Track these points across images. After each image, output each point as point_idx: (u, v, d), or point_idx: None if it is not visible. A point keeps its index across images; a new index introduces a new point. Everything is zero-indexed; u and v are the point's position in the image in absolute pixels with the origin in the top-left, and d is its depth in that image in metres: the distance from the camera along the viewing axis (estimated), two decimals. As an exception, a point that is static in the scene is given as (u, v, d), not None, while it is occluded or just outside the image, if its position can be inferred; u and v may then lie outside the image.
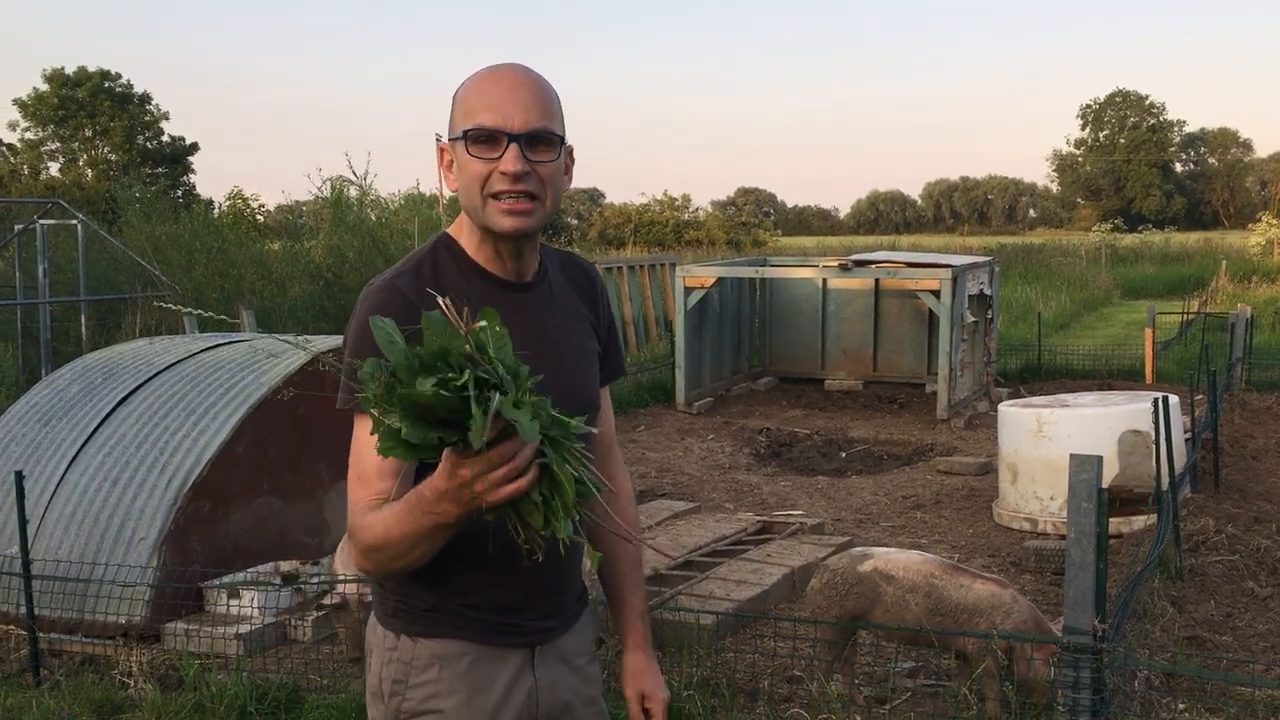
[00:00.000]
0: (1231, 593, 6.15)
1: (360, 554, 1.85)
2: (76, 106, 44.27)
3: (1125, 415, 7.67)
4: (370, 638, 2.08)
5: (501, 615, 2.01)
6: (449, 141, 1.98)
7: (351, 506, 1.88)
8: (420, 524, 1.73)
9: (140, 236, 16.75)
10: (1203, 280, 29.77)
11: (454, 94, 1.99)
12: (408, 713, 1.99)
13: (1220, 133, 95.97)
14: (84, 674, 5.16)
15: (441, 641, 1.98)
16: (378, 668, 2.03)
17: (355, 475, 1.88)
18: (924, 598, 4.50)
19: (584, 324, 2.16)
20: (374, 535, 1.81)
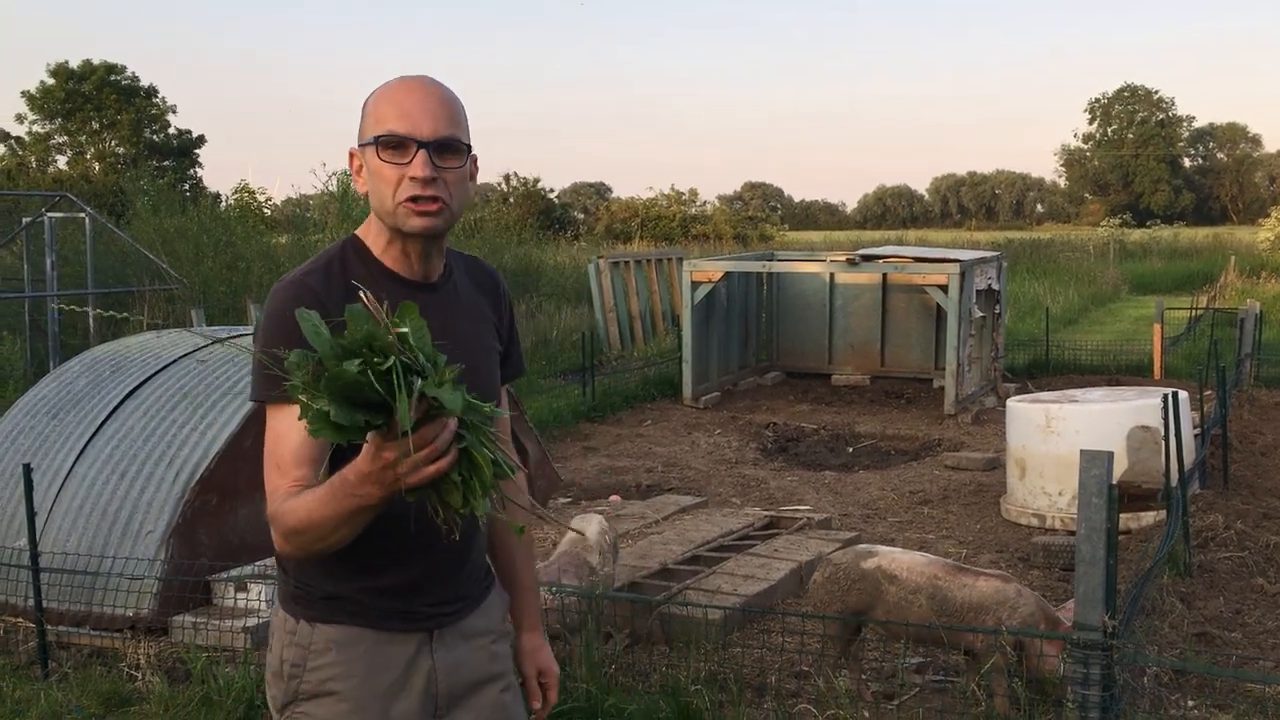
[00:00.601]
0: (1240, 589, 6.13)
1: (281, 538, 1.93)
2: (83, 100, 44.33)
3: (1134, 411, 7.64)
4: (272, 620, 2.15)
5: (398, 601, 2.08)
6: (359, 147, 2.08)
7: (270, 493, 1.95)
8: (343, 506, 1.81)
9: (148, 230, 16.77)
10: (1211, 276, 29.69)
11: (364, 103, 2.09)
12: (305, 694, 2.07)
13: (1229, 128, 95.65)
14: (92, 666, 5.18)
15: (338, 627, 2.06)
16: (278, 649, 2.11)
17: (273, 464, 1.96)
18: (928, 599, 4.49)
19: (488, 325, 2.26)
20: (296, 519, 1.88)
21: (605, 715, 4.27)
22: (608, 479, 9.55)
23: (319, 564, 2.03)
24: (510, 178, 46.69)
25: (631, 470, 9.89)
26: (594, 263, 17.56)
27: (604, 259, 17.64)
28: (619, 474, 9.75)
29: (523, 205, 41.41)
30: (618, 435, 11.47)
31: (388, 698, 2.07)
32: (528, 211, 38.13)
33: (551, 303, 18.96)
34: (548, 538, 7.21)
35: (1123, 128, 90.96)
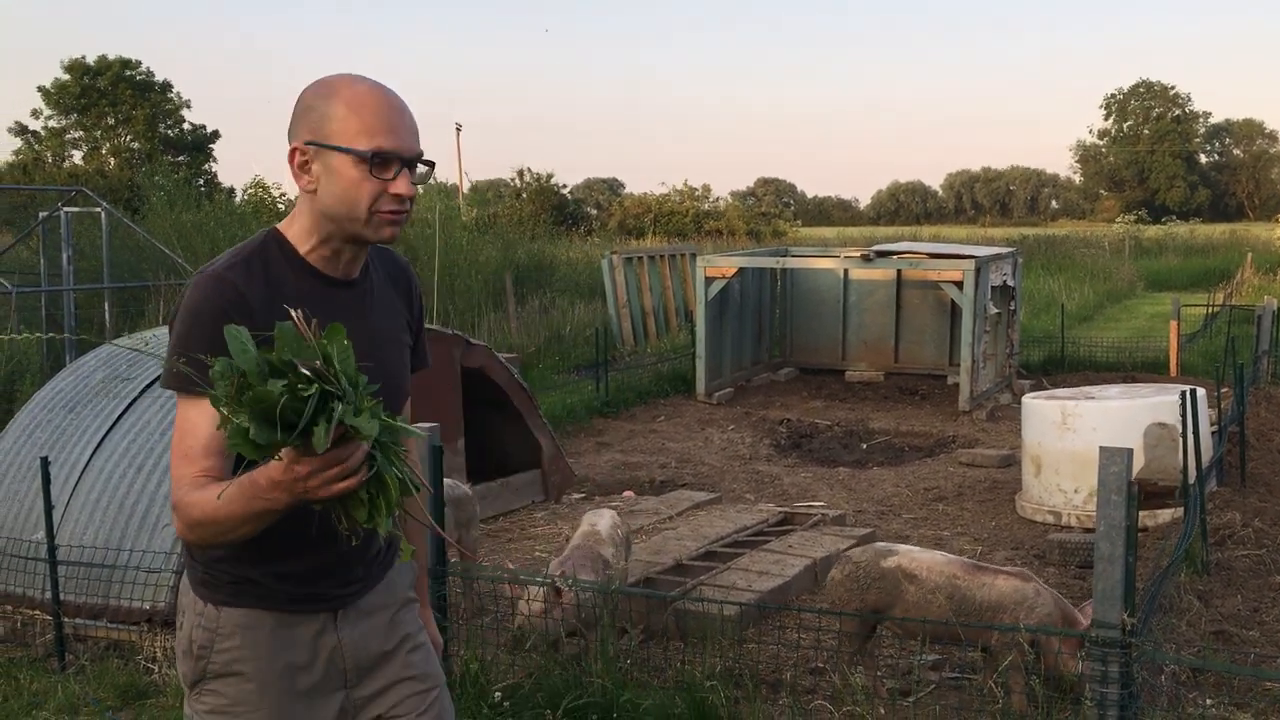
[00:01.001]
0: (1258, 587, 6.10)
1: (185, 528, 1.99)
2: (98, 95, 44.49)
3: (1151, 408, 7.61)
4: (182, 599, 2.21)
5: (301, 585, 2.15)
6: (322, 147, 2.04)
7: (176, 481, 1.99)
8: (250, 507, 1.88)
9: (164, 224, 16.83)
10: (1228, 272, 29.53)
11: (320, 97, 2.06)
12: (212, 674, 2.15)
13: (1246, 124, 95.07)
14: (109, 659, 5.19)
15: (244, 611, 2.13)
16: (188, 629, 2.18)
17: (181, 452, 2.00)
18: (947, 599, 4.48)
19: (400, 319, 2.31)
20: (201, 512, 1.94)
21: (620, 710, 4.27)
22: (621, 474, 9.55)
23: (226, 550, 2.09)
24: (523, 173, 46.68)
25: (645, 466, 9.89)
26: (607, 258, 17.55)
27: (617, 254, 17.63)
28: (632, 469, 9.74)
29: (536, 201, 41.40)
30: (631, 431, 11.47)
31: (292, 675, 2.16)
32: (541, 207, 38.13)
33: (565, 298, 18.96)
34: (560, 532, 7.21)
35: (1138, 124, 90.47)
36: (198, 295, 2.03)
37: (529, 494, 8.24)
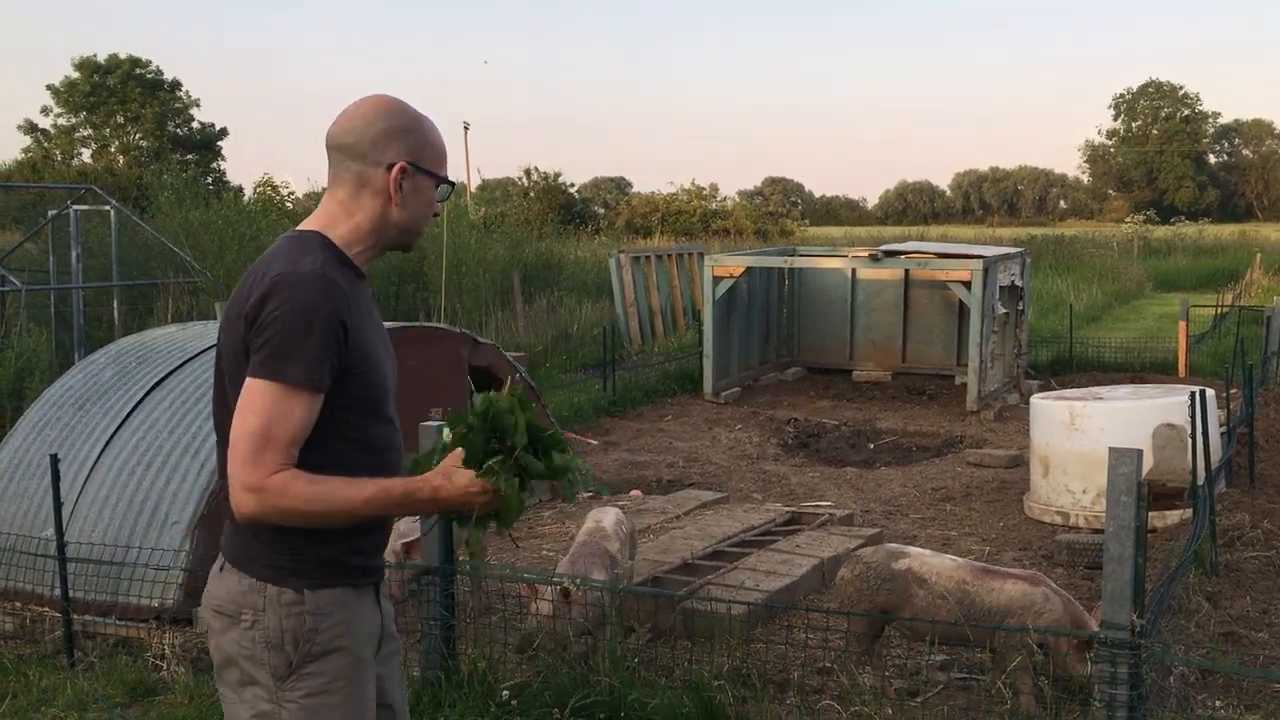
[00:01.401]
0: (1268, 589, 6.08)
1: (277, 510, 2.15)
2: (108, 93, 44.61)
3: (1159, 409, 7.58)
4: (245, 598, 2.26)
5: (368, 560, 2.37)
6: (422, 173, 2.35)
7: (255, 464, 2.13)
8: (389, 510, 2.24)
9: (172, 223, 16.86)
10: (1237, 273, 29.45)
11: (413, 122, 2.36)
12: (314, 656, 2.25)
13: (1255, 124, 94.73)
14: (117, 656, 5.21)
15: (336, 589, 2.29)
16: (273, 622, 2.24)
17: (266, 437, 2.13)
18: (956, 604, 4.48)
19: None
20: (319, 502, 2.15)
21: (628, 709, 4.27)
22: (628, 474, 9.55)
23: (310, 532, 2.22)
24: (531, 172, 46.69)
25: (652, 465, 9.88)
26: (615, 257, 17.55)
27: (625, 253, 17.63)
28: (640, 469, 9.74)
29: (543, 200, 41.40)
30: (638, 430, 11.47)
31: (371, 644, 2.38)
32: (548, 206, 38.14)
33: (572, 297, 18.96)
34: (568, 531, 7.21)
35: (1147, 124, 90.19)
36: (314, 294, 2.17)
37: (536, 493, 8.25)
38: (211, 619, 2.31)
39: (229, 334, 2.25)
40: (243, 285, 2.27)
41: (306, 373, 2.15)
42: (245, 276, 2.31)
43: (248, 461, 2.13)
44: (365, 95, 2.37)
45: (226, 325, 2.27)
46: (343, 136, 2.33)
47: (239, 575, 2.27)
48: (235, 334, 2.22)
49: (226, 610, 2.27)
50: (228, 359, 2.27)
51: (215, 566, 2.35)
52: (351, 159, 2.32)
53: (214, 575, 2.34)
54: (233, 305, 2.27)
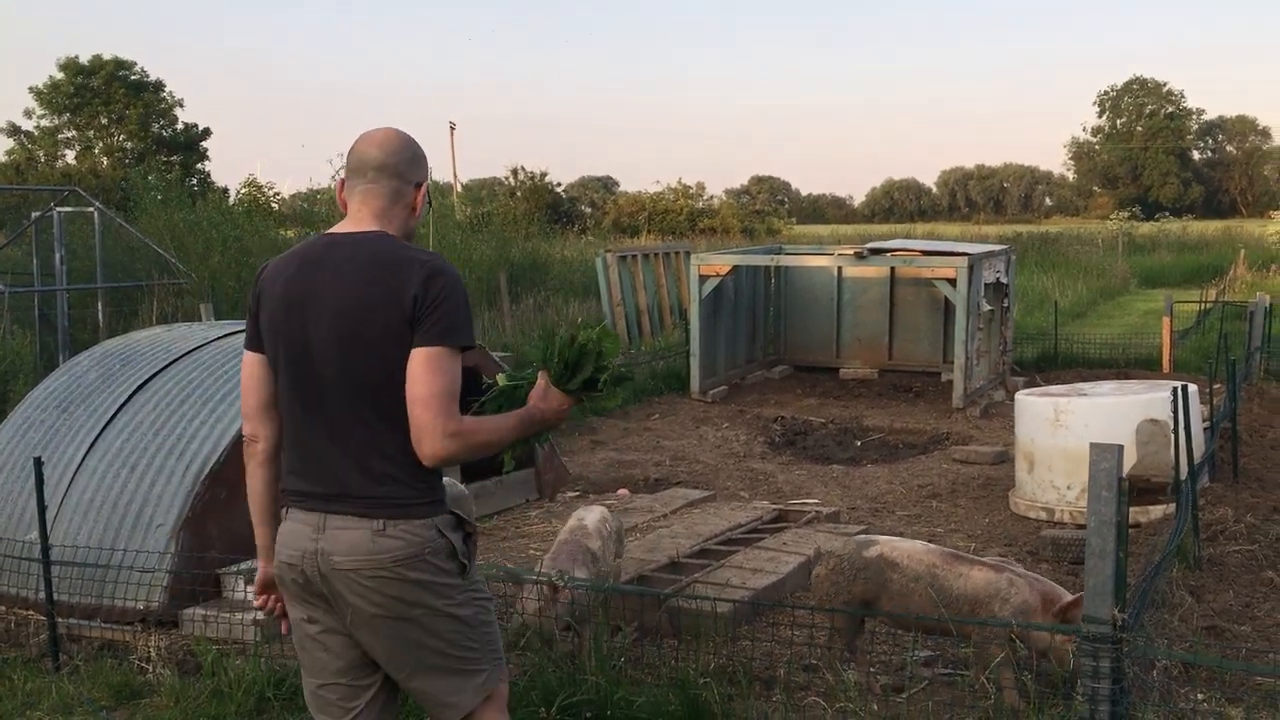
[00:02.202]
0: (1250, 582, 6.12)
1: (463, 446, 2.70)
2: (91, 94, 44.37)
3: (1143, 404, 7.63)
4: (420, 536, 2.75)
5: None
6: (426, 192, 2.98)
7: (451, 414, 2.67)
8: (525, 432, 2.91)
9: (156, 224, 16.80)
10: (1220, 269, 29.62)
11: (417, 145, 2.95)
12: (470, 556, 2.88)
13: (1238, 120, 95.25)
14: (103, 659, 5.19)
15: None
16: (453, 542, 2.81)
17: (451, 394, 2.69)
18: (926, 588, 4.51)
19: None
20: (486, 435, 2.78)
21: (614, 708, 4.27)
22: (616, 473, 9.56)
23: (438, 475, 2.82)
24: (517, 171, 46.70)
25: (639, 464, 9.89)
26: (601, 257, 17.55)
27: (611, 253, 17.62)
28: (627, 468, 9.75)
29: (530, 199, 41.40)
30: (625, 429, 11.47)
31: None
32: (535, 205, 38.14)
33: (559, 296, 18.95)
34: (553, 530, 7.21)
35: (1131, 120, 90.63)
36: (457, 276, 2.79)
37: (523, 492, 8.25)
38: (388, 569, 2.72)
39: (384, 311, 2.69)
40: (377, 273, 2.72)
41: (467, 338, 2.75)
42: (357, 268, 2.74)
43: (444, 413, 2.66)
44: (381, 126, 2.92)
45: (375, 310, 2.70)
46: (383, 158, 2.85)
47: (405, 524, 2.73)
48: (396, 311, 2.68)
49: (406, 554, 2.73)
50: (375, 331, 2.70)
51: (359, 534, 2.72)
52: (390, 177, 2.85)
53: (364, 539, 2.72)
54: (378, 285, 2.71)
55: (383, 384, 2.70)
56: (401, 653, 2.81)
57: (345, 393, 2.73)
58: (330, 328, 2.73)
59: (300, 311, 2.76)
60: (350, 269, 2.73)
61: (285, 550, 2.84)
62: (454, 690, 2.86)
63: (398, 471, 2.73)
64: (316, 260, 2.79)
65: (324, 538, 2.75)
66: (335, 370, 2.74)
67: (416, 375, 2.65)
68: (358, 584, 2.72)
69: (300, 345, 2.77)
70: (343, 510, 2.74)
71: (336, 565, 2.73)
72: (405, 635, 2.78)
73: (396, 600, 2.73)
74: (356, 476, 2.73)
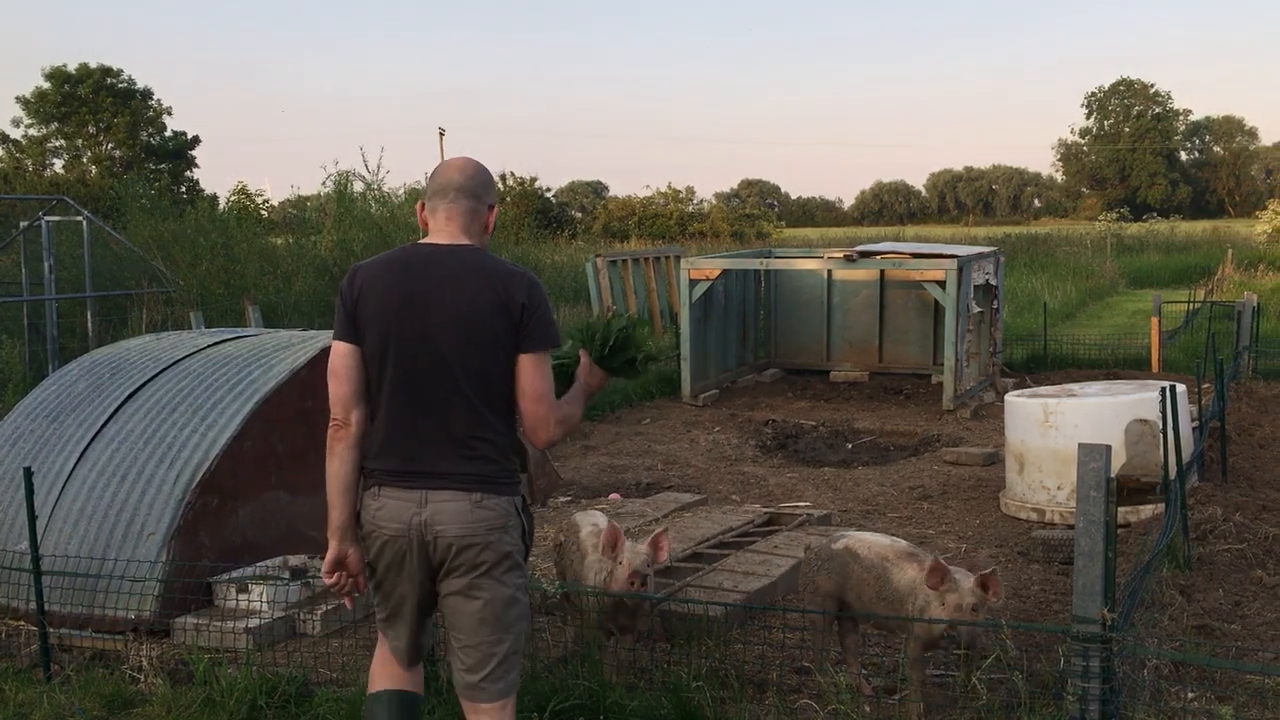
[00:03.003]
0: (1240, 581, 6.14)
1: (566, 429, 3.28)
2: (79, 103, 44.31)
3: (1132, 405, 7.66)
4: (507, 510, 3.19)
5: None
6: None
7: (555, 404, 3.22)
8: (584, 406, 3.45)
9: (145, 233, 16.76)
10: (1209, 269, 29.76)
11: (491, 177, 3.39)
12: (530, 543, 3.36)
13: (1225, 121, 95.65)
14: (94, 669, 5.17)
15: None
16: (524, 524, 3.27)
17: (552, 390, 3.23)
18: (875, 579, 4.59)
19: None
20: (574, 415, 3.34)
21: (607, 712, 4.28)
22: (607, 477, 9.56)
23: (521, 460, 3.26)
24: (507, 177, 46.70)
25: (631, 468, 9.90)
26: (591, 261, 17.56)
27: (601, 257, 17.64)
28: (618, 472, 9.76)
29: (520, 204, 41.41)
30: (617, 433, 11.48)
31: None
32: (525, 210, 38.12)
33: (549, 301, 18.94)
34: (546, 536, 7.22)
35: (1119, 121, 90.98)
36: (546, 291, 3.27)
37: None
38: (484, 536, 3.12)
39: (494, 315, 3.13)
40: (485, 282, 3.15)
41: (558, 339, 3.27)
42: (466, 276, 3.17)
43: (553, 406, 3.21)
44: (460, 156, 3.38)
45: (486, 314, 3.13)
46: (463, 181, 3.26)
47: (496, 499, 3.16)
48: (505, 317, 3.14)
49: (498, 524, 3.15)
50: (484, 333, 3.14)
51: (462, 504, 3.12)
52: (469, 198, 3.26)
53: (465, 509, 3.12)
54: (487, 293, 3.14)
55: (487, 377, 3.15)
56: (465, 617, 3.19)
57: (455, 382, 3.14)
58: (448, 327, 3.13)
59: (417, 311, 3.14)
60: (463, 275, 3.16)
61: (387, 525, 3.17)
62: (489, 675, 3.20)
63: (493, 453, 3.17)
64: (422, 266, 3.19)
65: (427, 510, 3.12)
66: (450, 363, 3.14)
67: (529, 376, 3.16)
68: (454, 551, 3.13)
69: (416, 341, 3.15)
70: (444, 485, 3.13)
71: (442, 533, 3.13)
72: (473, 604, 3.17)
73: (479, 567, 3.15)
74: (458, 457, 3.14)
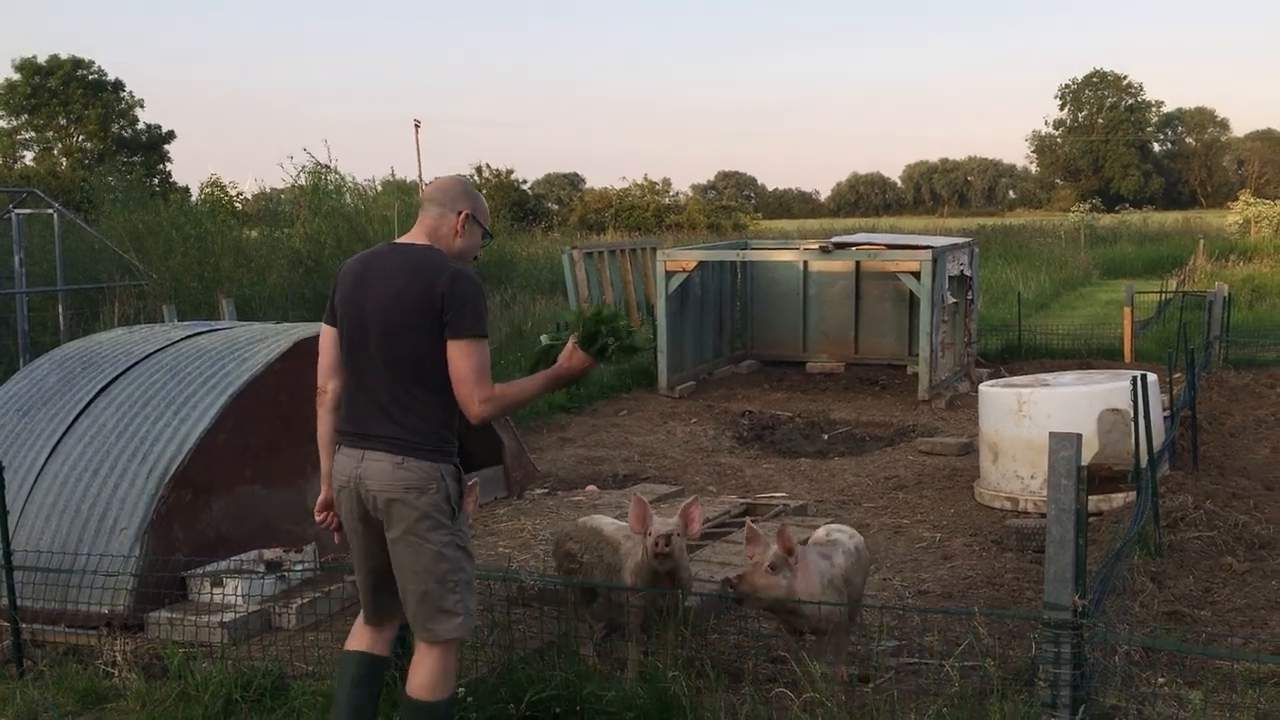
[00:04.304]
0: (1210, 568, 6.21)
1: (497, 407, 3.58)
2: (49, 95, 43.84)
3: (1104, 394, 7.72)
4: (430, 474, 3.56)
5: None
6: (475, 222, 3.79)
7: (485, 382, 3.54)
8: (553, 387, 3.78)
9: (117, 225, 16.62)
10: (1181, 259, 29.96)
11: (475, 190, 3.85)
12: (460, 508, 3.66)
13: (1197, 112, 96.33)
14: (68, 664, 5.14)
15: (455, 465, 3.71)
16: (445, 489, 3.59)
17: (484, 369, 3.56)
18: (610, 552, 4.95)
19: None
20: (515, 396, 3.64)
21: (584, 703, 4.29)
22: (584, 469, 9.57)
23: (451, 430, 3.64)
24: (482, 169, 46.54)
25: (608, 460, 9.91)
26: (568, 253, 17.54)
27: (578, 249, 17.62)
28: (596, 464, 9.76)
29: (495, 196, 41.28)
30: (594, 425, 11.48)
31: None
32: (501, 203, 38.05)
33: (526, 294, 18.93)
34: (522, 528, 7.22)
35: (1093, 113, 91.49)
36: (480, 284, 3.62)
37: (492, 490, 8.24)
38: (401, 494, 3.53)
39: (413, 310, 3.53)
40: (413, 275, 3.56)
41: (484, 329, 3.59)
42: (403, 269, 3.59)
43: (478, 385, 3.52)
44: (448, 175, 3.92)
45: (408, 303, 3.54)
46: (432, 193, 3.76)
47: (419, 463, 3.54)
48: (427, 303, 3.52)
49: (416, 485, 3.53)
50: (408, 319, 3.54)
51: (387, 465, 3.54)
52: (436, 205, 3.73)
53: (389, 469, 3.54)
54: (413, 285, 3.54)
55: (411, 358, 3.56)
56: (401, 566, 3.61)
57: (383, 361, 3.58)
58: (378, 313, 3.58)
59: (360, 298, 3.64)
60: (397, 269, 3.60)
61: (339, 476, 3.68)
62: (432, 620, 3.60)
63: (417, 422, 3.56)
64: (378, 260, 3.68)
65: (362, 467, 3.59)
66: (379, 345, 3.59)
67: (454, 361, 3.52)
68: (380, 504, 3.57)
69: (358, 324, 3.64)
70: (376, 447, 3.58)
71: (371, 488, 3.57)
72: (403, 555, 3.58)
73: (402, 521, 3.55)
74: (388, 424, 3.58)
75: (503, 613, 4.89)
